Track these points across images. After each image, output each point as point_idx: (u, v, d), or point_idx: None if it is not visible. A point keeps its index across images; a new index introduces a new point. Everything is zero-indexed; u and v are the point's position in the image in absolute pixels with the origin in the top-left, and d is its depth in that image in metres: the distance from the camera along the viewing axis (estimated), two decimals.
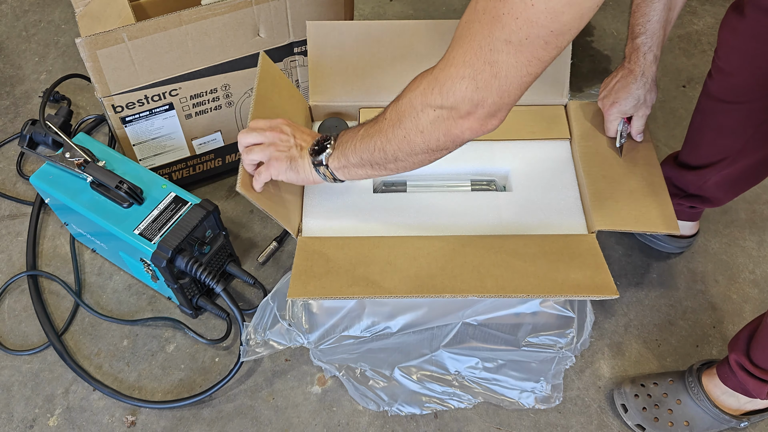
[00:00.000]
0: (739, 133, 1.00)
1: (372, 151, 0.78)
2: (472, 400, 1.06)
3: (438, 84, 0.67)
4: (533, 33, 0.60)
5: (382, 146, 0.76)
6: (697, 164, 1.09)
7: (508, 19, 0.60)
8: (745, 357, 0.94)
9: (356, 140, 0.80)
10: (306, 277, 0.90)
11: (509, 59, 0.62)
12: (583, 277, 0.90)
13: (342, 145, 0.82)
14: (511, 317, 0.98)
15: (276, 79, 1.03)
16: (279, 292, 1.00)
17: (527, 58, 0.62)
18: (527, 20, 0.59)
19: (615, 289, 0.88)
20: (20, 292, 1.24)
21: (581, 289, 0.89)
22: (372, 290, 0.88)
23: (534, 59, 0.62)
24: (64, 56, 1.61)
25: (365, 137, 0.78)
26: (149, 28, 1.05)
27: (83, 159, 1.08)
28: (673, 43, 1.62)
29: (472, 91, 0.65)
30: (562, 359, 1.03)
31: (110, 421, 1.09)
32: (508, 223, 0.97)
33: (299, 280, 0.89)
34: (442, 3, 1.72)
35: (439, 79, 0.67)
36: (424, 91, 0.68)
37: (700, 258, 1.26)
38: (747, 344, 0.94)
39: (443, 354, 1.04)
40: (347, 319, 0.98)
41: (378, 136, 0.76)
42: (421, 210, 0.99)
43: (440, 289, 0.89)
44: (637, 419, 1.04)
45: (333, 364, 1.06)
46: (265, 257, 1.25)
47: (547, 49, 0.61)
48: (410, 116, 0.71)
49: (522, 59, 0.62)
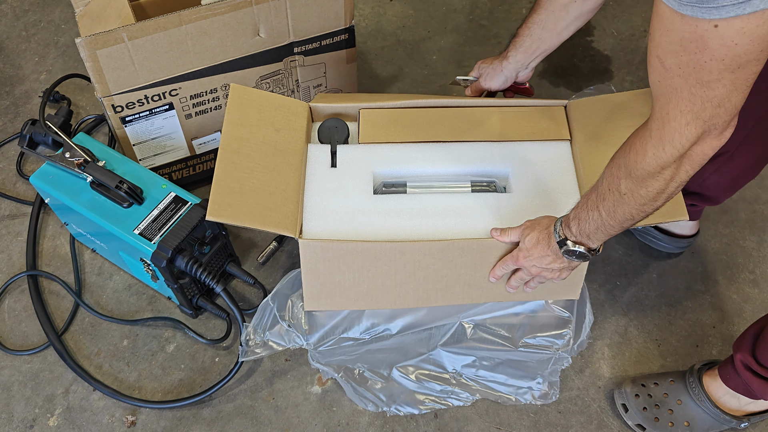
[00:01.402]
0: (739, 126, 1.00)
1: (620, 223, 0.81)
2: (470, 397, 1.07)
3: (665, 142, 0.69)
4: (744, 61, 0.60)
5: (631, 213, 0.79)
6: None
7: (714, 64, 0.60)
8: (751, 356, 0.93)
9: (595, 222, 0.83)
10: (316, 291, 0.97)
11: (727, 88, 0.63)
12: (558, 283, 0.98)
13: (583, 232, 0.85)
14: (509, 317, 0.99)
15: (253, 99, 1.05)
16: (279, 292, 1.00)
17: (745, 77, 0.62)
18: (735, 57, 0.59)
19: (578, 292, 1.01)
20: (20, 292, 1.24)
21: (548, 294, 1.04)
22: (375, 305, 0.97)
23: (751, 74, 0.63)
24: (64, 56, 1.61)
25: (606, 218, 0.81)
26: (149, 28, 1.05)
27: (83, 159, 1.08)
28: None
29: (701, 127, 0.66)
30: (559, 360, 1.03)
31: (110, 421, 1.09)
32: (508, 225, 0.97)
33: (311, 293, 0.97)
34: (442, 3, 1.72)
35: (663, 138, 0.69)
36: (655, 154, 0.70)
37: (700, 258, 1.26)
38: (753, 344, 0.94)
39: (441, 353, 1.04)
40: (347, 321, 0.98)
41: (620, 209, 0.79)
42: (421, 211, 0.99)
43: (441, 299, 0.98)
44: (638, 419, 1.04)
45: (331, 366, 1.06)
46: (265, 257, 1.25)
47: (761, 60, 0.61)
48: (655, 179, 0.73)
49: (740, 82, 0.62)
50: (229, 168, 0.97)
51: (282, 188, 0.98)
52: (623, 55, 1.59)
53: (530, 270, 0.95)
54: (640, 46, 1.61)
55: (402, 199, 1.01)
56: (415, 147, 1.06)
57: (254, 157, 0.99)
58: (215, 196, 0.93)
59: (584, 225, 0.84)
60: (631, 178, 0.74)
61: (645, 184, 0.74)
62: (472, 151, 1.05)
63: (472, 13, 1.71)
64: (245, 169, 0.97)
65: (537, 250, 0.91)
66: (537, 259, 0.92)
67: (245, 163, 0.98)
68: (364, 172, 1.03)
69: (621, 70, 1.56)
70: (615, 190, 0.77)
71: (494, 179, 1.06)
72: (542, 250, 0.91)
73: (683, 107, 0.65)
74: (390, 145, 1.06)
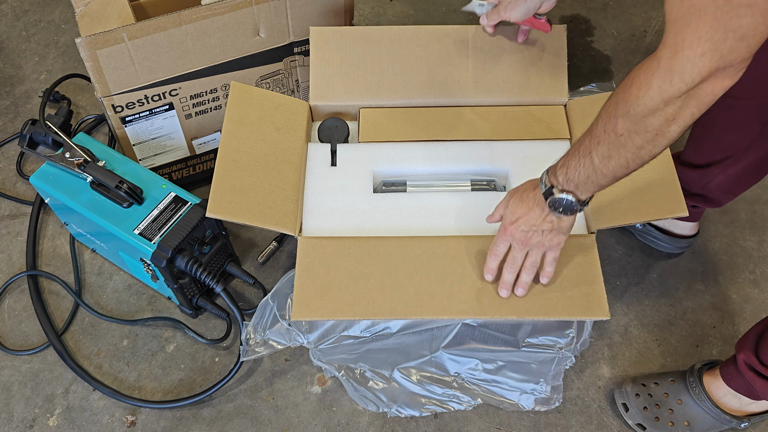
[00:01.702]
0: (746, 130, 0.99)
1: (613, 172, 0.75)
2: (471, 401, 1.06)
3: (674, 73, 0.63)
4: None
5: (626, 158, 0.73)
6: (702, 163, 1.09)
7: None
8: (755, 356, 0.93)
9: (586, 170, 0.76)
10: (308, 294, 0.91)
11: (754, 20, 0.58)
12: (578, 294, 0.91)
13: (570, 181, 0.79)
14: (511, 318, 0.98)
15: (253, 98, 1.04)
16: (279, 291, 1.00)
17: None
18: None
19: (607, 311, 0.89)
20: (20, 292, 1.24)
21: (575, 311, 0.90)
22: (372, 312, 0.91)
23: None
24: (64, 56, 1.61)
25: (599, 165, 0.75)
26: (149, 28, 1.05)
27: (83, 159, 1.08)
28: None
29: (717, 61, 0.61)
30: (562, 360, 1.02)
31: (110, 421, 1.09)
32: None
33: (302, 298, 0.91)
34: (442, 3, 1.72)
35: (673, 68, 0.63)
36: (661, 87, 0.64)
37: (700, 258, 1.26)
38: (756, 344, 0.93)
39: (443, 355, 1.04)
40: (347, 319, 0.98)
41: (616, 153, 0.73)
42: (420, 211, 0.99)
43: (438, 311, 0.90)
44: (638, 418, 1.04)
45: (332, 364, 1.06)
46: (265, 257, 1.25)
47: None
48: (655, 116, 0.67)
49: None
50: (229, 166, 0.97)
51: (282, 187, 0.98)
52: (623, 55, 1.59)
53: (519, 239, 0.86)
54: (639, 46, 1.61)
55: (402, 198, 1.01)
56: (415, 146, 1.06)
57: (254, 155, 0.99)
58: (215, 193, 0.93)
59: (573, 173, 0.77)
60: (629, 116, 0.68)
61: (644, 122, 0.68)
62: (471, 150, 1.05)
63: (472, 12, 1.71)
64: (245, 167, 0.97)
65: (521, 208, 0.85)
66: (524, 221, 0.85)
67: (245, 161, 0.98)
68: (363, 170, 1.04)
69: (621, 70, 1.56)
70: (611, 131, 0.71)
71: (494, 178, 1.06)
72: (527, 205, 0.84)
73: (702, 33, 0.59)
74: (390, 144, 1.06)
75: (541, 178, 0.83)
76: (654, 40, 1.62)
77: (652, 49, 1.60)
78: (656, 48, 0.65)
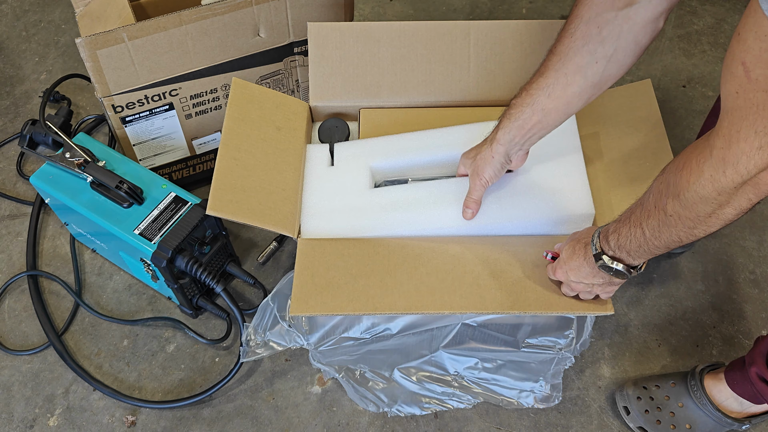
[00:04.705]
0: None
1: (666, 245, 0.73)
2: (471, 400, 1.06)
3: (727, 164, 0.61)
4: None
5: (678, 235, 0.71)
6: None
7: None
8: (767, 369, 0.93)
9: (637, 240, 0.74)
10: (307, 291, 0.91)
11: None
12: None
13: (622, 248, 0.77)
14: (511, 318, 0.98)
15: (255, 96, 1.04)
16: (279, 292, 1.00)
17: None
18: None
19: (611, 306, 0.89)
20: (20, 292, 1.24)
21: (577, 306, 0.89)
22: (372, 306, 0.90)
23: None
24: (64, 56, 1.61)
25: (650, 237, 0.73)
26: (149, 28, 1.05)
27: (83, 159, 1.08)
28: (673, 42, 1.62)
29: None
30: (561, 360, 1.03)
31: (110, 421, 1.09)
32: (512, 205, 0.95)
33: (301, 294, 0.90)
34: (442, 3, 1.72)
35: (727, 159, 0.60)
36: (713, 177, 0.62)
37: (700, 258, 1.26)
38: (767, 357, 0.93)
39: (443, 355, 1.04)
40: (347, 321, 0.98)
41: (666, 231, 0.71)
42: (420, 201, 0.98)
43: (439, 306, 0.89)
44: (640, 422, 1.04)
45: (332, 366, 1.06)
46: (265, 257, 1.25)
47: None
48: (708, 203, 0.65)
49: None
50: (230, 164, 0.97)
51: (282, 187, 0.98)
52: None
53: (571, 286, 0.86)
54: None
55: (401, 191, 1.00)
56: (411, 136, 1.05)
57: (255, 154, 0.99)
58: (216, 191, 0.93)
59: (624, 241, 0.75)
60: (678, 200, 0.66)
61: (695, 208, 0.66)
62: (469, 135, 1.02)
63: (473, 12, 1.71)
64: (246, 166, 0.97)
65: (573, 262, 0.83)
66: (573, 272, 0.84)
67: (246, 160, 0.98)
68: (361, 167, 1.03)
69: None
70: (661, 209, 0.69)
71: None
72: (578, 262, 0.82)
73: (760, 127, 0.57)
74: (386, 138, 1.05)
75: (591, 239, 0.81)
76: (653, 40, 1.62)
77: (651, 48, 1.61)
78: (656, 48, 0.64)
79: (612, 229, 0.77)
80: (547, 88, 0.81)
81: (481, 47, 1.09)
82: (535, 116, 0.84)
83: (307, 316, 0.99)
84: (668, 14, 0.77)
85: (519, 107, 0.85)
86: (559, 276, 0.87)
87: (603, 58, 0.78)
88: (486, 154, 0.90)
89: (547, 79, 0.81)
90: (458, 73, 1.09)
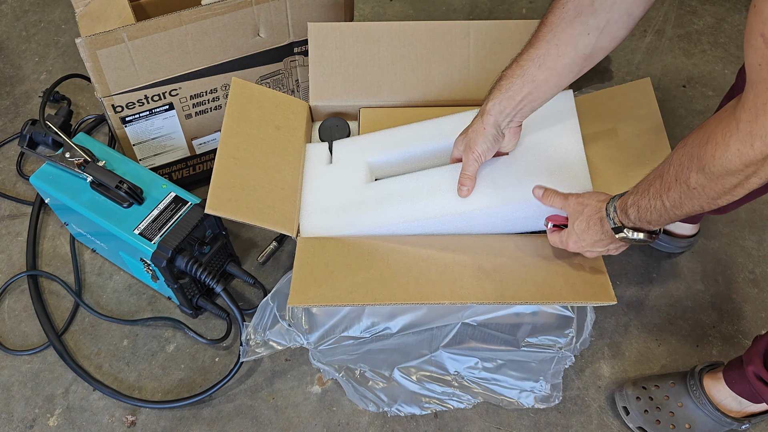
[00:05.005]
0: None
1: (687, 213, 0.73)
2: (471, 400, 1.06)
3: (755, 137, 0.61)
4: None
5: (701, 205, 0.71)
6: None
7: None
8: (764, 369, 0.93)
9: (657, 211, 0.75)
10: (306, 283, 0.90)
11: None
12: (581, 281, 0.90)
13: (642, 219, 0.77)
14: (511, 317, 0.98)
15: (254, 95, 1.04)
16: (279, 292, 1.00)
17: None
18: None
19: (613, 295, 0.88)
20: (20, 292, 1.24)
21: (579, 296, 0.89)
22: (372, 297, 0.89)
23: None
24: (64, 56, 1.61)
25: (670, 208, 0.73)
26: (149, 28, 1.05)
27: (83, 159, 1.08)
28: (673, 42, 1.62)
29: None
30: (562, 359, 1.02)
31: (110, 421, 1.09)
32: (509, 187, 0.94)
33: (300, 286, 0.90)
34: (442, 3, 1.72)
35: (754, 132, 0.60)
36: (740, 150, 0.62)
37: (700, 258, 1.26)
38: (764, 356, 0.93)
39: (443, 354, 1.04)
40: (347, 320, 0.98)
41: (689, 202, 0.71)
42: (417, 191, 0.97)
43: (440, 296, 0.89)
44: (639, 422, 1.04)
45: (332, 365, 1.06)
46: (265, 257, 1.25)
47: None
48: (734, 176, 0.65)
49: None
50: (229, 163, 0.96)
51: (281, 186, 0.98)
52: (623, 54, 1.59)
53: (585, 253, 0.87)
54: (639, 46, 1.61)
55: (396, 182, 0.99)
56: (407, 128, 1.04)
57: (254, 153, 0.99)
58: (215, 189, 0.93)
59: (644, 213, 0.75)
60: (704, 173, 0.65)
61: (721, 181, 0.65)
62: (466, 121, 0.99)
63: (472, 12, 1.71)
64: (245, 165, 0.97)
65: (590, 236, 0.83)
66: (590, 244, 0.84)
67: (245, 159, 0.98)
68: (359, 163, 1.03)
69: (621, 70, 1.56)
70: (683, 182, 0.68)
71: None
72: (596, 236, 0.82)
73: None
74: (383, 132, 1.05)
75: (607, 211, 0.80)
76: (653, 40, 1.62)
77: (651, 48, 1.61)
78: (656, 48, 0.64)
79: (630, 202, 0.77)
80: (538, 59, 0.81)
81: (481, 47, 1.09)
82: (525, 87, 0.83)
83: (307, 312, 0.99)
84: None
85: (509, 78, 0.84)
86: (573, 248, 0.86)
87: (595, 29, 0.78)
88: (477, 127, 0.89)
89: (538, 50, 0.81)
90: (458, 72, 1.09)
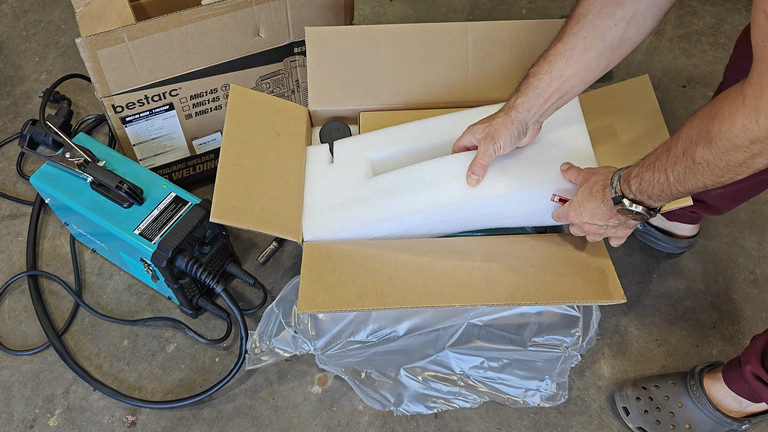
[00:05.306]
0: None
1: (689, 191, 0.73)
2: (477, 399, 1.06)
3: (760, 113, 0.60)
4: None
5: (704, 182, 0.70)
6: None
7: None
8: (762, 368, 0.93)
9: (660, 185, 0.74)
10: (315, 289, 0.90)
11: None
12: (590, 280, 0.90)
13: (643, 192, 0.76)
14: (517, 317, 0.98)
15: (253, 101, 1.04)
16: (284, 299, 0.99)
17: None
18: None
19: (623, 293, 0.88)
20: (20, 292, 1.24)
21: (590, 295, 0.89)
22: (381, 301, 0.88)
23: None
24: (64, 56, 1.61)
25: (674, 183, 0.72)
26: (149, 28, 1.05)
27: (83, 159, 1.08)
28: (673, 43, 1.62)
29: None
30: (568, 358, 1.02)
31: (110, 421, 1.09)
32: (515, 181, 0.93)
33: (308, 292, 0.89)
34: (442, 3, 1.72)
35: (760, 107, 0.60)
36: (746, 126, 0.62)
37: (700, 258, 1.26)
38: (761, 355, 0.93)
39: (448, 354, 1.04)
40: (353, 325, 0.97)
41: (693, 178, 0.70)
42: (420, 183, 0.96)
43: (449, 299, 0.89)
44: (639, 422, 1.04)
45: (339, 368, 1.06)
46: (265, 257, 1.25)
47: None
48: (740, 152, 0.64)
49: None
50: (231, 170, 0.97)
51: (284, 192, 0.97)
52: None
53: (583, 228, 0.86)
54: (639, 46, 1.61)
55: (397, 175, 0.98)
56: (408, 126, 1.04)
57: (256, 160, 0.99)
58: (218, 198, 0.93)
59: (647, 185, 0.75)
60: (710, 148, 0.65)
61: (726, 156, 0.64)
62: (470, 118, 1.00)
63: (473, 12, 1.71)
64: (248, 172, 0.97)
65: (590, 204, 0.82)
66: (589, 214, 0.83)
67: (247, 165, 0.98)
68: (360, 161, 1.02)
69: (621, 70, 1.56)
70: (689, 156, 0.68)
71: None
72: (595, 204, 0.81)
73: None
74: (383, 130, 1.05)
75: (611, 180, 0.80)
76: (653, 40, 1.62)
77: (651, 48, 1.61)
78: (656, 48, 0.64)
79: (634, 173, 0.76)
80: (566, 53, 0.82)
81: (479, 48, 1.09)
82: (553, 83, 0.83)
83: (313, 318, 0.99)
84: None
85: (537, 75, 0.84)
86: (572, 218, 0.86)
87: (622, 20, 0.78)
88: (504, 120, 0.88)
89: (565, 44, 0.82)
90: (457, 74, 1.09)
